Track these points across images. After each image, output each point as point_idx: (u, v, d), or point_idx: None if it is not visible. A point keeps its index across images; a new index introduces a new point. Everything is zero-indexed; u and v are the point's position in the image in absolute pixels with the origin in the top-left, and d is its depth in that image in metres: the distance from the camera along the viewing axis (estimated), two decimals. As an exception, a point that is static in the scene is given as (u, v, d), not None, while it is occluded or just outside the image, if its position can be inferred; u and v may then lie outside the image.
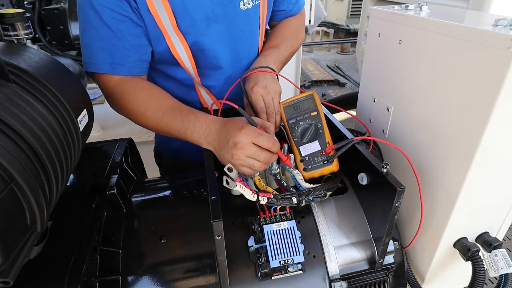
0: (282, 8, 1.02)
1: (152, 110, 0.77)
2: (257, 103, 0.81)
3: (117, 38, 0.76)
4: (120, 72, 0.79)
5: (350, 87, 4.40)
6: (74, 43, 1.44)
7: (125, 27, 0.76)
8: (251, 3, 0.87)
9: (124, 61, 0.79)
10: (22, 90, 0.49)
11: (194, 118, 0.73)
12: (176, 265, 0.66)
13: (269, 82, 0.82)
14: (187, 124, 0.72)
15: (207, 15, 0.81)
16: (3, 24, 0.67)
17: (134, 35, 0.78)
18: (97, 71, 0.79)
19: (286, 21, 1.06)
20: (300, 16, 1.09)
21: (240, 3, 0.85)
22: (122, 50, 0.78)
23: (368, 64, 0.92)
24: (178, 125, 0.74)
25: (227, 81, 0.94)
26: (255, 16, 0.91)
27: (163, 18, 0.77)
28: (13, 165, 0.40)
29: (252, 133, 0.65)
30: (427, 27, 0.66)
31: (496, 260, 0.67)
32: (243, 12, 0.87)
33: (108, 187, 0.70)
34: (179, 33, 0.80)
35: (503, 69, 0.51)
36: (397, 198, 0.56)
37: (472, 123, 0.59)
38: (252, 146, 0.65)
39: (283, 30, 1.04)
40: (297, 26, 1.07)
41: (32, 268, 0.50)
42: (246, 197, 0.62)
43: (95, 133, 1.76)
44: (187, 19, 0.79)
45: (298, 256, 0.63)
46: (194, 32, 0.82)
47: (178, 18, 0.78)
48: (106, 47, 0.77)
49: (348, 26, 5.96)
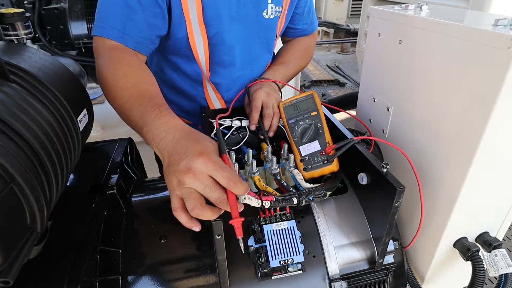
0: (298, 27, 1.07)
1: (122, 88, 0.66)
2: (254, 102, 0.84)
3: (135, 11, 0.75)
4: (126, 43, 0.77)
5: (350, 87, 4.40)
6: (74, 43, 1.44)
7: (147, 3, 0.75)
8: (274, 14, 0.91)
9: (134, 34, 0.77)
10: (22, 90, 0.49)
11: (156, 114, 0.59)
12: (176, 265, 0.66)
13: (272, 91, 0.88)
14: (147, 118, 0.59)
15: (232, 14, 0.84)
16: (3, 23, 0.67)
17: (153, 13, 0.77)
18: (105, 36, 0.75)
19: (299, 40, 1.12)
20: (313, 37, 1.15)
21: (264, 12, 0.89)
22: (136, 23, 0.76)
23: (368, 64, 0.92)
24: (137, 115, 0.61)
25: (235, 81, 0.97)
26: (274, 26, 0.95)
27: (190, 6, 0.79)
28: (13, 165, 0.39)
29: (212, 166, 0.50)
30: (427, 27, 0.66)
31: (496, 260, 0.67)
32: (265, 20, 0.90)
33: (108, 187, 0.70)
34: (202, 24, 0.82)
35: (503, 69, 0.51)
36: (397, 198, 0.56)
37: (472, 123, 0.59)
38: (207, 179, 0.50)
39: (295, 48, 1.09)
40: (308, 46, 1.12)
41: (32, 268, 0.50)
42: (251, 205, 0.59)
43: (95, 133, 1.76)
44: (213, 12, 0.81)
45: (298, 256, 0.63)
46: (216, 26, 0.84)
47: (205, 9, 0.80)
48: (121, 15, 0.75)
49: (348, 26, 5.96)
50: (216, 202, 0.51)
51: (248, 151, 0.76)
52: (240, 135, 0.86)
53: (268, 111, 0.83)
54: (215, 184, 0.51)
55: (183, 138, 0.54)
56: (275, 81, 0.93)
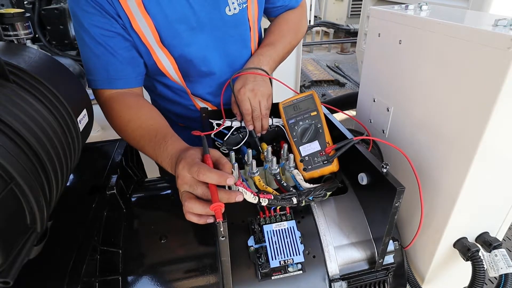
0: (278, 4, 0.98)
1: (132, 130, 0.76)
2: (242, 105, 0.80)
3: (110, 54, 0.78)
4: (117, 86, 0.81)
5: (350, 87, 4.40)
6: (74, 43, 1.44)
7: (116, 42, 0.77)
8: (238, 7, 0.85)
9: (118, 75, 0.80)
10: (22, 90, 0.49)
11: (163, 146, 0.70)
12: (176, 265, 0.66)
13: (258, 85, 0.81)
14: (158, 152, 0.70)
15: (191, 25, 0.81)
16: (3, 24, 0.67)
17: (125, 49, 0.79)
18: (95, 87, 0.81)
19: (285, 15, 1.01)
20: (300, 8, 1.04)
21: (226, 9, 0.83)
22: (116, 65, 0.79)
23: (368, 64, 0.92)
24: (150, 150, 0.73)
25: (221, 87, 0.93)
26: (243, 20, 0.89)
27: (147, 34, 0.78)
28: (13, 165, 0.39)
29: (188, 166, 0.58)
30: (427, 27, 0.66)
31: (496, 260, 0.67)
32: (230, 17, 0.85)
33: (108, 187, 0.70)
34: (163, 48, 0.81)
35: (503, 69, 0.51)
36: (397, 198, 0.56)
37: (472, 123, 0.58)
38: (190, 179, 0.58)
39: (281, 26, 0.99)
40: (296, 20, 1.02)
41: (32, 268, 0.50)
42: (247, 199, 0.62)
43: (95, 133, 1.76)
44: (170, 32, 0.79)
45: (298, 256, 0.63)
46: (178, 44, 0.81)
47: (161, 32, 0.78)
48: (100, 63, 0.78)
49: (348, 26, 5.96)
50: (202, 197, 0.58)
51: (248, 151, 0.76)
52: (240, 135, 0.86)
53: (256, 113, 0.80)
54: (197, 182, 0.58)
55: (179, 157, 0.63)
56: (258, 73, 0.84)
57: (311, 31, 6.29)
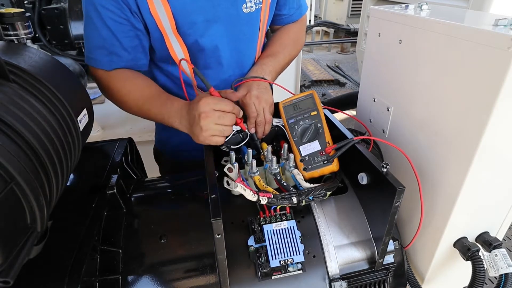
0: (284, 13, 1.02)
1: (134, 99, 0.84)
2: (248, 108, 0.81)
3: (115, 39, 0.79)
4: (117, 66, 0.83)
5: (350, 87, 4.40)
6: (74, 42, 1.44)
7: (123, 29, 0.79)
8: (254, 6, 0.88)
9: (120, 60, 0.82)
10: (22, 90, 0.49)
11: (170, 104, 0.80)
12: (176, 265, 0.66)
13: (262, 92, 0.83)
14: (164, 110, 0.80)
15: (207, 17, 0.82)
16: (3, 23, 0.67)
17: (131, 37, 0.81)
18: (96, 66, 0.83)
19: (287, 28, 1.06)
20: (302, 22, 1.09)
21: (243, 6, 0.86)
22: (118, 50, 0.81)
23: (368, 64, 0.92)
24: (156, 111, 0.82)
25: (225, 82, 0.94)
26: (256, 19, 0.92)
27: (164, 20, 0.79)
28: (13, 165, 0.40)
29: (211, 101, 0.70)
30: (427, 27, 0.66)
31: (496, 259, 0.67)
32: (246, 15, 0.87)
33: (108, 187, 0.70)
34: (177, 35, 0.82)
35: (503, 69, 0.51)
36: (397, 198, 0.56)
37: (472, 123, 0.59)
38: (215, 112, 0.70)
39: (283, 38, 1.03)
40: (297, 33, 1.07)
41: (32, 268, 0.50)
42: (246, 197, 0.62)
43: (95, 133, 1.76)
44: (186, 21, 0.80)
45: (298, 256, 0.63)
46: (193, 34, 0.83)
47: (177, 20, 0.79)
48: (104, 45, 0.80)
49: (348, 26, 5.96)
50: (231, 123, 0.73)
51: (248, 151, 0.76)
52: (240, 135, 0.86)
53: (260, 118, 0.81)
54: (223, 113, 0.71)
55: (189, 105, 0.76)
56: (263, 80, 0.87)
57: (311, 30, 6.30)
